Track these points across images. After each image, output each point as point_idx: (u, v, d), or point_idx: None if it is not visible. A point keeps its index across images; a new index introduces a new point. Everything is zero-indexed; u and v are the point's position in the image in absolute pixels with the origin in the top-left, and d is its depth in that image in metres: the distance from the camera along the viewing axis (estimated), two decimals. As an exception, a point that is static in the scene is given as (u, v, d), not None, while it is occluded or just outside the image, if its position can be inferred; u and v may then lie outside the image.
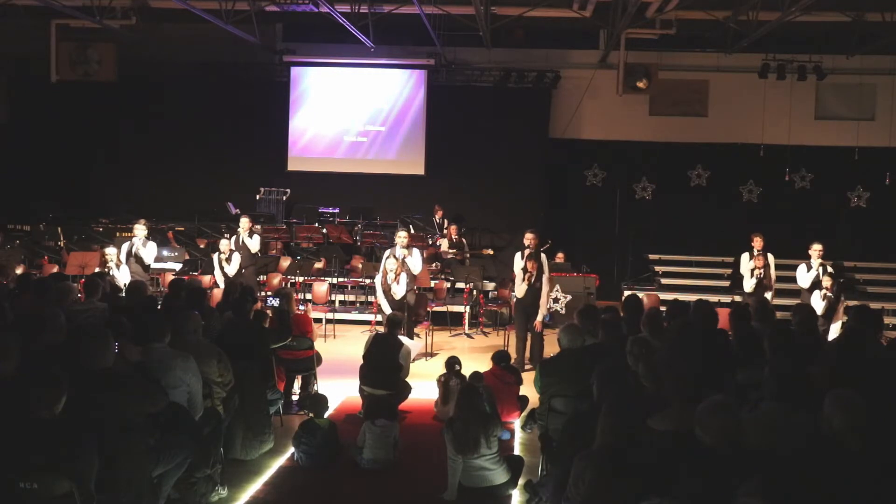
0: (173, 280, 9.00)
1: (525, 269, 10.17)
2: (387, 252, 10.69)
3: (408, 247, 10.69)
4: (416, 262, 10.70)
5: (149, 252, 11.41)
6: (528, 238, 10.28)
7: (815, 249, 10.76)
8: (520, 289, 10.25)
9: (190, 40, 15.62)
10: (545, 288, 10.23)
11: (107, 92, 15.65)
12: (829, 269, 10.60)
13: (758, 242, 11.03)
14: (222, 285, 11.01)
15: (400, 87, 16.36)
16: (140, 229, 11.42)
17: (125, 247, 11.36)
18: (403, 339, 8.11)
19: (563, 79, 15.99)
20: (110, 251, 10.89)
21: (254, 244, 12.05)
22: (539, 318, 10.16)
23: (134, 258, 11.25)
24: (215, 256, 11.70)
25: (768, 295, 10.51)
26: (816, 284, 10.47)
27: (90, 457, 3.87)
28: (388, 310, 10.01)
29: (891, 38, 12.60)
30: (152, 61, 15.70)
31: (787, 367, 4.38)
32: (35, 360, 4.61)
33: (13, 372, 4.38)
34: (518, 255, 10.39)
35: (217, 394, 5.89)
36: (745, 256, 11.14)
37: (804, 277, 10.75)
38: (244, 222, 12.11)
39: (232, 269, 11.45)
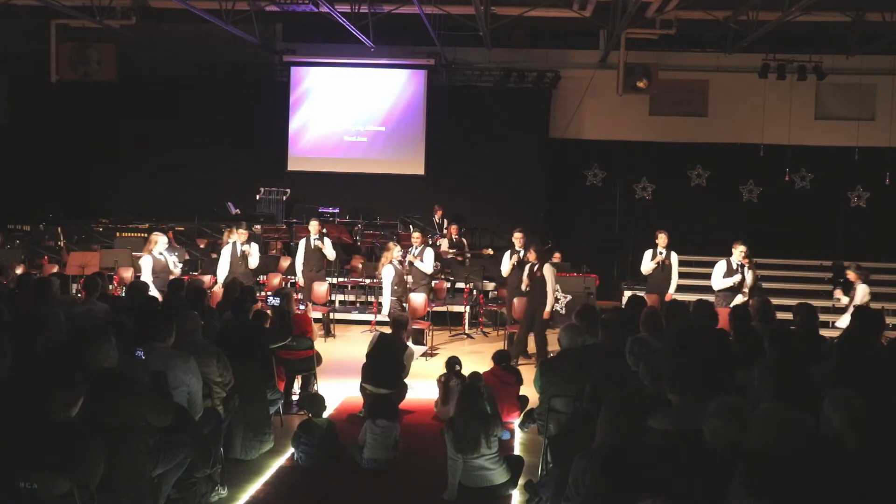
0: (173, 280, 9.00)
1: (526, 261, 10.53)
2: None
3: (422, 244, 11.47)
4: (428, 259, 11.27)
5: None
6: (517, 238, 10.80)
7: (739, 250, 10.10)
8: (505, 267, 10.79)
9: (190, 40, 15.61)
10: (550, 277, 10.39)
11: (107, 92, 15.64)
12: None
13: (662, 240, 11.01)
14: (221, 279, 10.83)
15: (400, 87, 16.36)
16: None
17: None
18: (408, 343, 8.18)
19: (563, 79, 15.98)
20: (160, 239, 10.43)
21: (254, 259, 11.23)
22: (548, 307, 10.27)
23: None
24: (227, 248, 11.22)
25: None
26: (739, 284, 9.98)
27: (97, 459, 3.86)
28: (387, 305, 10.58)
29: (891, 38, 12.58)
30: (152, 61, 15.68)
31: (787, 367, 4.38)
32: (36, 361, 4.61)
33: (6, 372, 4.38)
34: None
35: (217, 394, 5.90)
36: (647, 255, 11.20)
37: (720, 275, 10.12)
38: (241, 234, 11.32)
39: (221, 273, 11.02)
